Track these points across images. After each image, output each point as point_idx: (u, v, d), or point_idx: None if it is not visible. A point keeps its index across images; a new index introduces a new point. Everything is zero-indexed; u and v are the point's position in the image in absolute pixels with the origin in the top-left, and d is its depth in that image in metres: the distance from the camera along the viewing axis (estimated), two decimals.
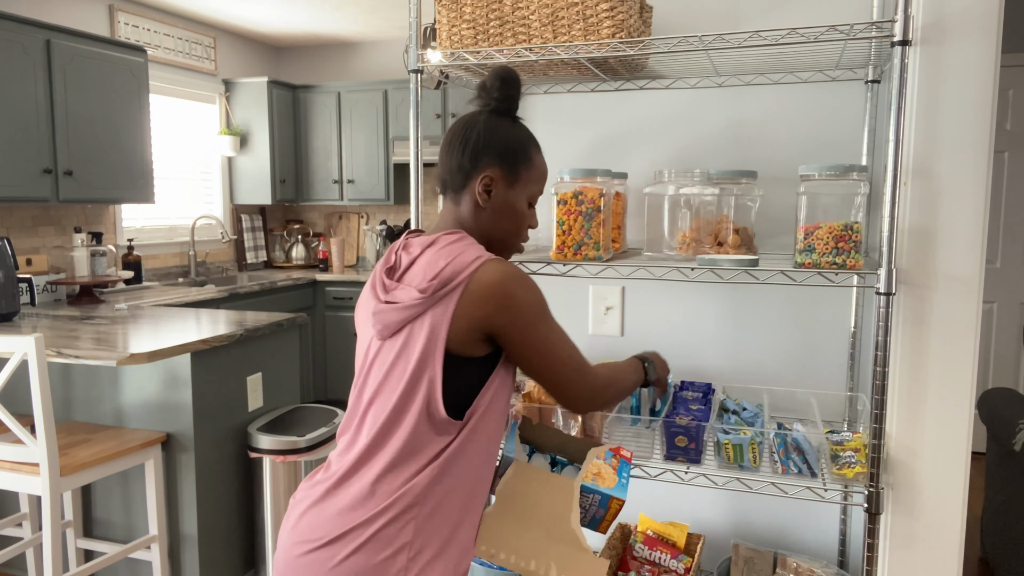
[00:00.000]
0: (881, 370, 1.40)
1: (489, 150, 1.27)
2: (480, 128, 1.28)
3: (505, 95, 1.29)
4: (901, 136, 1.37)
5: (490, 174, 1.27)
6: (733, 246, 1.62)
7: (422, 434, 1.18)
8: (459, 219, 1.31)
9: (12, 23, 3.23)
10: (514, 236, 1.33)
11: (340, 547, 1.14)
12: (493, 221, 1.30)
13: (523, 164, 1.30)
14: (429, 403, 1.17)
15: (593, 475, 1.35)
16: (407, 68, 1.79)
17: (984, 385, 4.38)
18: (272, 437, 2.67)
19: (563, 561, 1.24)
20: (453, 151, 1.29)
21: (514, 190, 1.30)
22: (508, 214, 1.30)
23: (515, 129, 1.30)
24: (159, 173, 4.73)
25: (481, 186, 1.27)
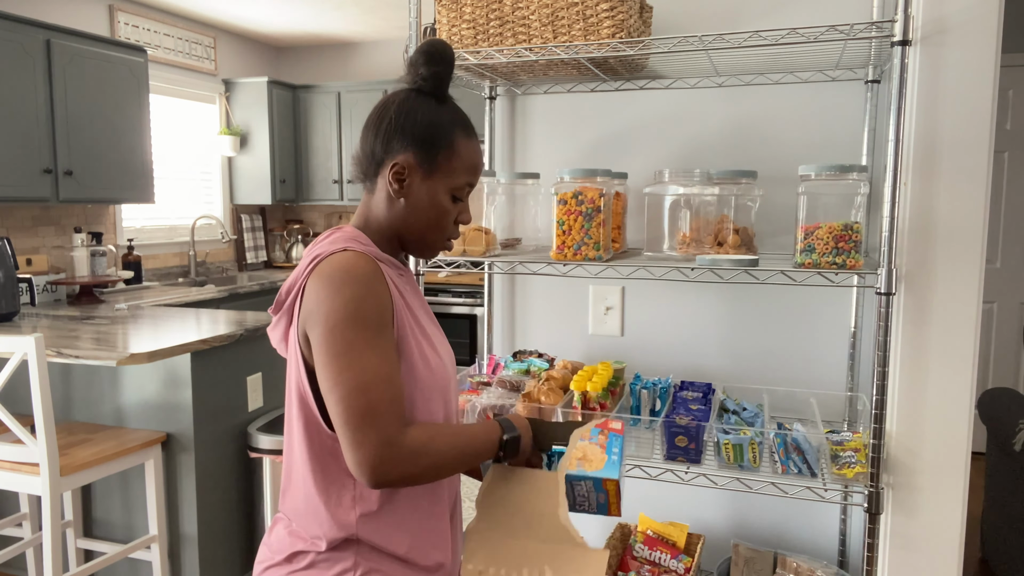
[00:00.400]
0: (881, 370, 1.40)
1: (403, 134, 1.10)
2: (395, 109, 1.12)
3: (431, 72, 1.12)
4: (901, 136, 1.37)
5: (401, 161, 1.11)
6: (733, 246, 1.62)
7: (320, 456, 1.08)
8: (370, 211, 1.16)
9: (12, 23, 3.23)
10: (434, 233, 1.15)
11: (288, 566, 1.10)
12: (407, 216, 1.13)
13: (442, 151, 1.11)
14: (308, 422, 1.08)
15: (578, 460, 1.22)
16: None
17: (984, 385, 4.38)
18: (272, 437, 2.67)
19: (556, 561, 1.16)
20: (367, 134, 1.13)
21: (432, 180, 1.12)
22: (424, 208, 1.12)
23: (437, 111, 1.12)
24: (159, 173, 4.73)
25: (391, 175, 1.11)
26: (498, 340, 2.14)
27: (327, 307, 1.01)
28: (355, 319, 1.00)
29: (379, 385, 0.99)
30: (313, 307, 1.03)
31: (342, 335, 1.00)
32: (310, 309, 1.03)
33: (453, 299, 4.79)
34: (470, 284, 4.75)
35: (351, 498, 1.08)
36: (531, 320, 2.10)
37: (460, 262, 1.77)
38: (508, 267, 2.05)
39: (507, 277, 2.11)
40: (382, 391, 0.99)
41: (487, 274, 2.10)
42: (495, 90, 2.06)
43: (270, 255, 5.74)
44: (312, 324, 1.03)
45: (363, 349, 1.00)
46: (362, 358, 1.00)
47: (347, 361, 0.99)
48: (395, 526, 1.10)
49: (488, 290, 2.12)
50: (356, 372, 0.99)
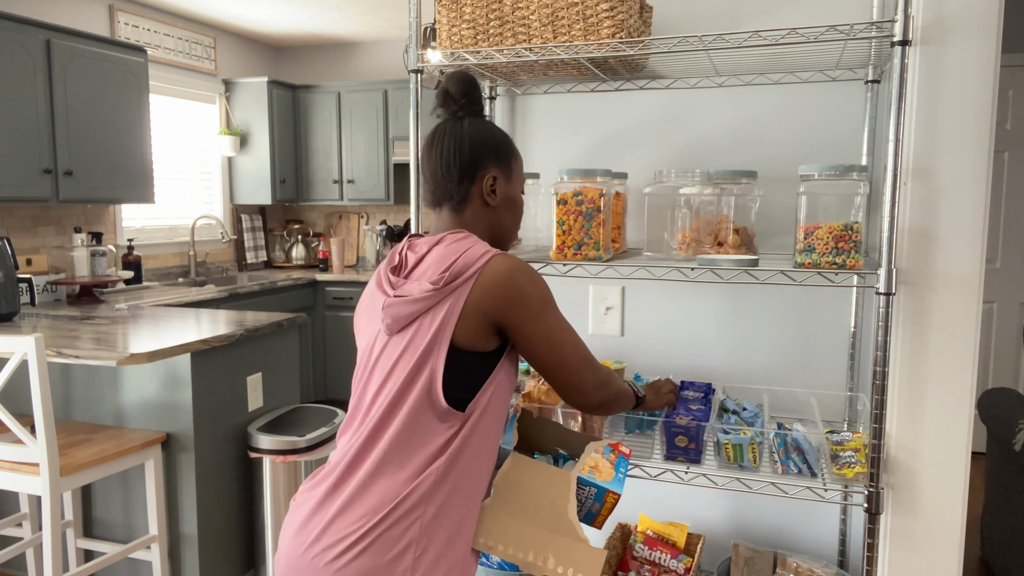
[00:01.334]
0: (881, 370, 1.40)
1: (485, 152, 1.33)
2: (469, 134, 1.33)
3: (472, 98, 1.35)
4: (901, 136, 1.37)
5: (493, 174, 1.33)
6: (733, 246, 1.62)
7: (422, 427, 1.19)
8: (463, 223, 1.34)
9: (12, 23, 3.23)
10: (517, 224, 1.41)
11: (346, 548, 1.14)
12: (500, 216, 1.36)
13: (512, 157, 1.37)
14: (430, 393, 1.19)
15: (590, 468, 1.35)
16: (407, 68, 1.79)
17: (984, 385, 4.38)
18: (272, 437, 2.67)
19: (560, 551, 1.25)
20: (449, 163, 1.32)
21: (511, 183, 1.37)
22: (511, 206, 1.38)
23: (493, 127, 1.36)
24: (159, 173, 4.73)
25: (488, 187, 1.33)
26: None
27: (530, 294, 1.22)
28: (552, 302, 1.27)
29: (582, 343, 1.30)
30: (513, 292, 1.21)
31: (551, 314, 1.25)
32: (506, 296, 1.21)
33: None
34: None
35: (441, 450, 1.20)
36: None
37: None
38: None
39: None
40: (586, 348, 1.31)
41: None
42: (495, 90, 2.06)
43: (270, 255, 5.74)
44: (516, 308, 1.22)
45: (564, 321, 1.28)
46: (568, 327, 1.28)
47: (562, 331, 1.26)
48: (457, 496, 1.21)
49: None
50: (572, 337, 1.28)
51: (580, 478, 1.33)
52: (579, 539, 1.25)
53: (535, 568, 1.25)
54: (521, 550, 1.26)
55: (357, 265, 5.71)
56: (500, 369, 1.24)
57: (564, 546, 1.25)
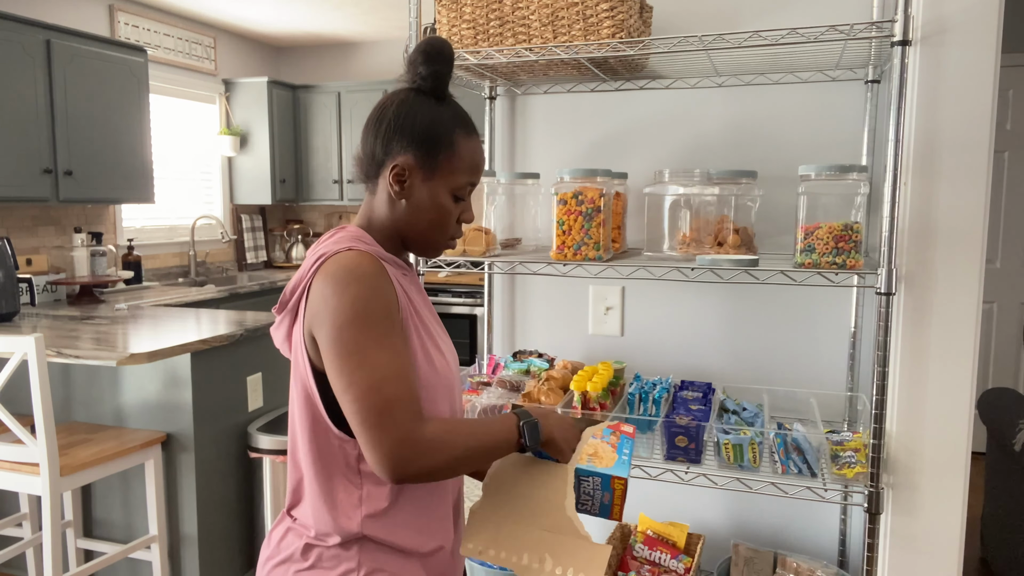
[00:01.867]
0: (881, 370, 1.40)
1: (402, 135, 1.10)
2: (394, 109, 1.11)
3: (431, 71, 1.11)
4: (901, 136, 1.37)
5: (401, 162, 1.10)
6: (733, 246, 1.62)
7: (326, 458, 1.08)
8: (373, 211, 1.15)
9: (12, 23, 3.23)
10: (437, 232, 1.14)
11: (296, 563, 1.11)
12: (409, 216, 1.13)
13: (443, 151, 1.11)
14: (316, 423, 1.08)
15: (589, 455, 1.22)
16: None
17: (984, 385, 4.38)
18: (272, 437, 2.67)
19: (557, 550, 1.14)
20: (367, 135, 1.13)
21: (433, 181, 1.11)
22: (426, 209, 1.12)
23: (437, 111, 1.12)
24: (159, 173, 4.73)
25: (392, 176, 1.10)
26: (498, 340, 2.14)
27: (333, 306, 1.00)
28: (363, 318, 1.00)
29: (393, 382, 0.99)
30: (319, 307, 1.02)
31: (351, 335, 0.99)
32: (316, 309, 1.03)
33: (453, 299, 4.79)
34: (470, 284, 4.75)
35: (357, 498, 1.08)
36: (531, 320, 2.10)
37: (460, 262, 1.77)
38: (508, 267, 2.05)
39: (507, 277, 2.11)
40: (397, 388, 0.99)
41: (487, 274, 2.10)
42: (495, 90, 2.06)
43: (270, 255, 5.74)
44: (319, 324, 1.02)
45: (373, 348, 0.99)
46: (373, 356, 0.99)
47: (358, 360, 0.99)
48: (401, 524, 1.10)
49: (488, 290, 2.12)
50: (368, 371, 0.98)
51: (579, 469, 1.20)
52: (579, 536, 1.14)
53: (531, 572, 1.15)
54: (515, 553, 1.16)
55: None
56: None
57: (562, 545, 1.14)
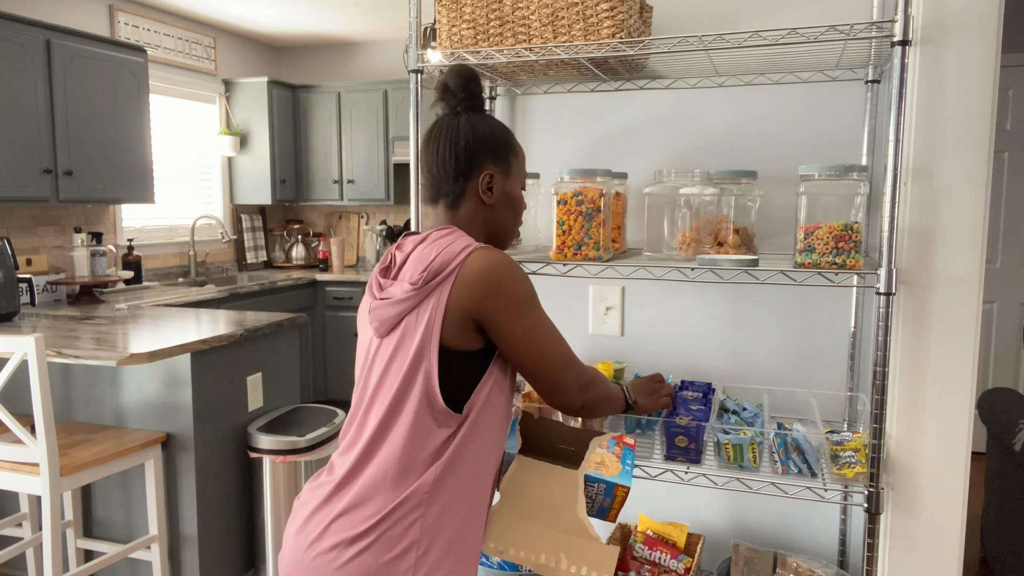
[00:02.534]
0: (881, 370, 1.40)
1: (482, 149, 1.29)
2: (466, 130, 1.30)
3: (472, 92, 1.31)
4: (901, 136, 1.37)
5: (489, 171, 1.30)
6: (733, 246, 1.62)
7: (422, 428, 1.18)
8: (459, 221, 1.32)
9: (12, 23, 3.23)
10: (515, 223, 1.37)
11: (347, 547, 1.14)
12: (498, 214, 1.33)
13: (511, 153, 1.33)
14: (428, 395, 1.18)
15: (596, 464, 1.35)
16: (407, 68, 1.79)
17: (984, 385, 4.38)
18: (272, 437, 2.67)
19: (572, 551, 1.25)
20: (445, 158, 1.29)
21: (510, 180, 1.33)
22: (509, 204, 1.34)
23: (493, 123, 1.32)
24: (159, 173, 4.73)
25: (484, 185, 1.30)
26: None
27: (510, 291, 1.19)
28: (534, 298, 1.23)
29: (565, 344, 1.26)
30: (491, 290, 1.18)
31: (531, 311, 1.21)
32: (484, 293, 1.17)
33: None
34: None
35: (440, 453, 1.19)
36: None
37: None
38: None
39: None
40: (568, 348, 1.26)
41: None
42: (495, 90, 2.07)
43: (270, 255, 5.74)
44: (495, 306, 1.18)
45: (546, 319, 1.24)
46: (550, 325, 1.25)
47: (543, 329, 1.22)
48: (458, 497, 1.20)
49: None
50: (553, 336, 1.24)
51: (587, 475, 1.32)
52: (591, 538, 1.25)
53: (548, 570, 1.25)
54: (533, 552, 1.26)
55: (357, 265, 5.71)
56: (494, 368, 1.23)
57: (576, 546, 1.25)
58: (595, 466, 1.34)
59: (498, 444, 1.27)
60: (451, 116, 1.32)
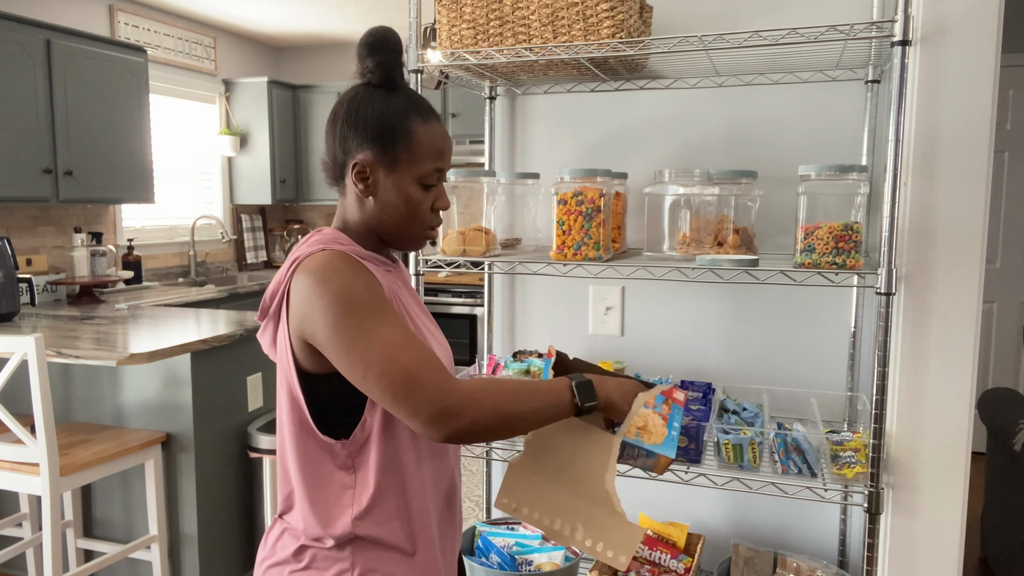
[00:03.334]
0: (881, 370, 1.40)
1: (356, 132, 1.08)
2: (345, 108, 1.10)
3: (376, 62, 1.09)
4: (901, 136, 1.37)
5: (360, 160, 1.08)
6: (733, 246, 1.62)
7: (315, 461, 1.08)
8: (345, 212, 1.14)
9: (12, 23, 3.23)
10: (411, 225, 1.12)
11: (290, 564, 1.11)
12: (380, 212, 1.11)
13: (400, 142, 1.08)
14: (302, 424, 1.08)
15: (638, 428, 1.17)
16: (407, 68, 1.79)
17: (984, 385, 4.38)
18: (272, 437, 2.67)
19: (592, 523, 1.11)
20: (327, 137, 1.12)
21: (396, 174, 1.09)
22: (394, 203, 1.10)
23: (388, 102, 1.09)
24: (159, 173, 4.73)
25: (355, 175, 1.09)
26: (498, 340, 2.14)
27: (323, 303, 1.00)
28: (353, 304, 0.99)
29: (405, 348, 0.98)
30: (306, 308, 1.01)
31: (348, 323, 0.98)
32: (303, 311, 1.02)
33: (453, 299, 4.79)
34: (470, 284, 4.75)
35: (349, 498, 1.08)
36: (531, 320, 2.10)
37: (460, 262, 1.77)
38: (508, 267, 2.05)
39: (507, 277, 2.11)
40: (411, 354, 0.98)
41: (487, 274, 2.10)
42: (495, 90, 2.07)
43: (270, 255, 5.74)
44: (310, 324, 1.01)
45: (373, 327, 0.99)
46: (378, 334, 0.98)
47: (365, 343, 0.98)
48: (387, 518, 1.09)
49: (488, 290, 2.12)
50: (378, 348, 0.97)
51: (626, 442, 1.17)
52: (615, 512, 1.09)
53: (561, 538, 1.13)
54: (548, 516, 1.14)
55: None
56: None
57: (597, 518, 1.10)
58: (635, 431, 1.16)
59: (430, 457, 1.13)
60: (351, 89, 1.12)
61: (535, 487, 1.16)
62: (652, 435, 1.16)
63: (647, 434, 1.17)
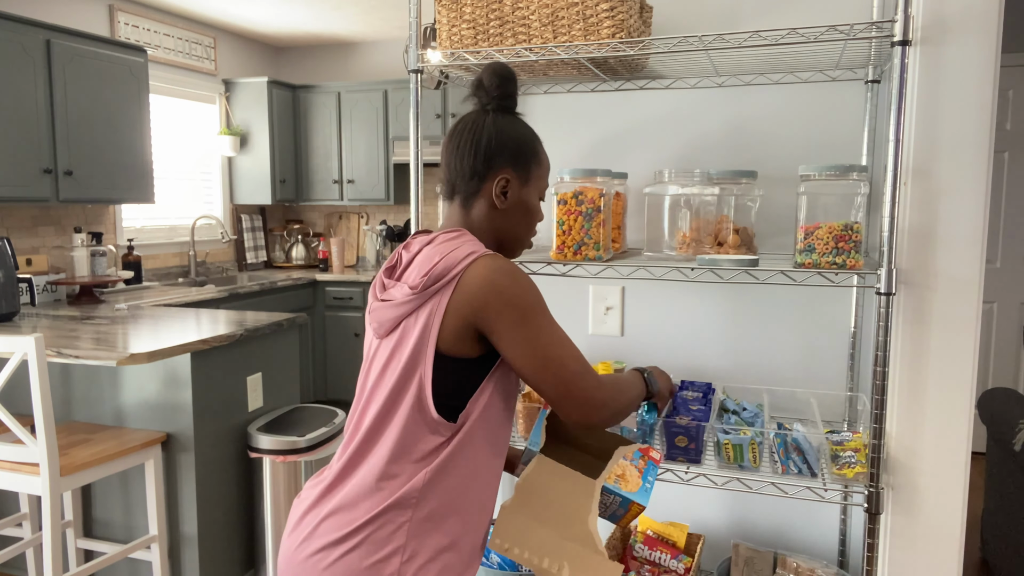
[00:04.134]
0: (881, 370, 1.40)
1: (502, 152, 1.26)
2: (490, 130, 1.26)
3: (506, 92, 1.28)
4: (901, 136, 1.37)
5: (506, 176, 1.26)
6: (733, 246, 1.62)
7: (412, 433, 1.16)
8: (470, 222, 1.29)
9: (12, 23, 3.23)
10: (527, 233, 1.32)
11: (335, 548, 1.14)
12: (509, 221, 1.29)
13: (533, 162, 1.29)
14: (419, 401, 1.16)
15: (617, 476, 1.31)
16: (407, 68, 1.79)
17: (984, 385, 4.38)
18: (272, 437, 2.67)
19: (576, 562, 1.22)
20: (464, 155, 1.26)
21: (527, 188, 1.29)
22: (523, 212, 1.30)
23: (521, 127, 1.29)
24: (159, 173, 4.73)
25: (498, 188, 1.26)
26: None
27: (512, 296, 1.14)
28: (540, 305, 1.17)
29: (573, 349, 1.19)
30: (491, 298, 1.14)
31: (535, 319, 1.16)
32: (485, 299, 1.14)
33: None
34: None
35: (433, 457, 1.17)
36: None
37: None
38: None
39: None
40: (577, 353, 1.19)
41: None
42: None
43: (270, 255, 5.74)
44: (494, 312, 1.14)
45: (554, 327, 1.18)
46: (559, 333, 1.18)
47: (548, 338, 1.16)
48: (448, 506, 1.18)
49: None
50: (560, 345, 1.17)
51: (605, 487, 1.30)
52: (597, 551, 1.22)
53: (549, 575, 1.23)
54: (536, 555, 1.24)
55: (357, 265, 5.71)
56: (492, 377, 1.19)
57: (581, 557, 1.23)
58: (615, 478, 1.31)
59: (496, 456, 1.23)
60: (479, 113, 1.28)
61: (525, 528, 1.26)
62: (629, 483, 1.31)
63: (624, 482, 1.31)
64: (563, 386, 1.17)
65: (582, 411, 1.18)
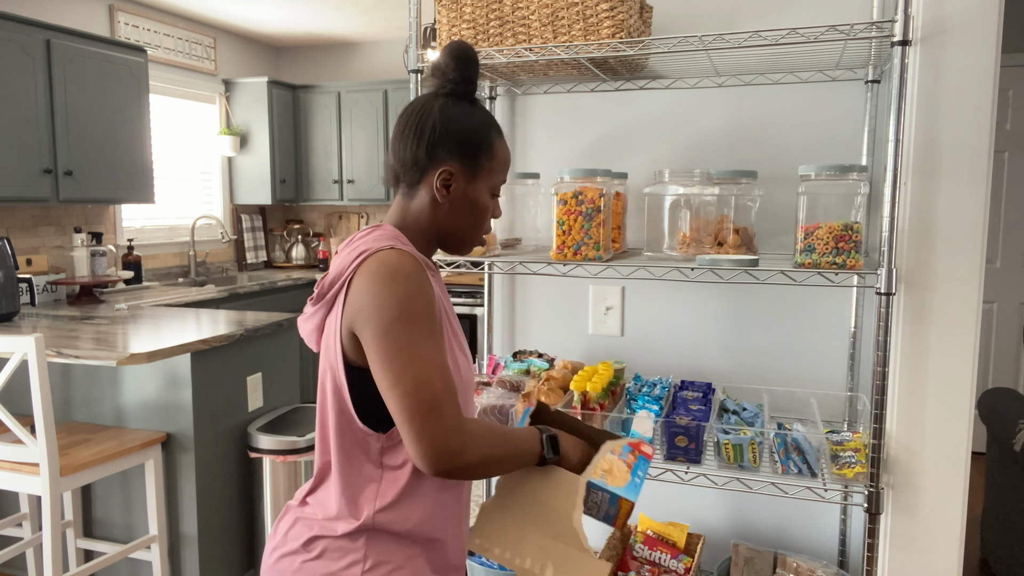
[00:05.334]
0: (881, 370, 1.40)
1: (447, 141, 1.13)
2: (436, 116, 1.13)
3: (463, 76, 1.15)
4: (901, 136, 1.37)
5: (449, 168, 1.14)
6: (733, 246, 1.62)
7: (352, 444, 1.11)
8: (410, 214, 1.18)
9: (12, 23, 3.23)
10: (475, 230, 1.19)
11: (298, 555, 1.13)
12: (452, 216, 1.17)
13: (484, 154, 1.16)
14: (343, 413, 1.10)
15: (603, 471, 1.22)
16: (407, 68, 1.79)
17: (984, 385, 4.38)
18: (272, 437, 2.67)
19: (561, 561, 1.16)
20: (407, 141, 1.14)
21: (475, 183, 1.16)
22: (468, 208, 1.17)
23: (474, 115, 1.15)
24: (159, 173, 4.73)
25: (439, 181, 1.14)
26: (498, 340, 2.14)
27: (380, 304, 1.02)
28: (409, 315, 1.02)
29: (439, 377, 1.02)
30: (364, 304, 1.04)
31: (398, 332, 1.02)
32: (360, 306, 1.04)
33: (453, 299, 4.78)
34: (470, 284, 4.75)
35: (374, 491, 1.11)
36: (531, 320, 2.10)
37: (460, 262, 1.77)
38: (508, 267, 2.05)
39: (507, 277, 2.11)
40: (443, 383, 1.02)
41: (487, 274, 2.10)
42: (495, 90, 2.06)
43: (270, 255, 5.74)
44: (364, 321, 1.04)
45: (419, 344, 1.02)
46: (421, 353, 1.02)
47: (407, 356, 1.01)
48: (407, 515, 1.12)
49: (488, 290, 2.12)
50: (417, 368, 1.01)
51: (591, 483, 1.21)
52: (582, 550, 1.16)
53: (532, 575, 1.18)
54: (519, 555, 1.19)
55: None
56: None
57: (565, 556, 1.16)
58: (601, 473, 1.22)
59: None
60: (431, 97, 1.16)
61: (506, 528, 1.20)
62: (615, 479, 1.22)
63: (611, 477, 1.22)
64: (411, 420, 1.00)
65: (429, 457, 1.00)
